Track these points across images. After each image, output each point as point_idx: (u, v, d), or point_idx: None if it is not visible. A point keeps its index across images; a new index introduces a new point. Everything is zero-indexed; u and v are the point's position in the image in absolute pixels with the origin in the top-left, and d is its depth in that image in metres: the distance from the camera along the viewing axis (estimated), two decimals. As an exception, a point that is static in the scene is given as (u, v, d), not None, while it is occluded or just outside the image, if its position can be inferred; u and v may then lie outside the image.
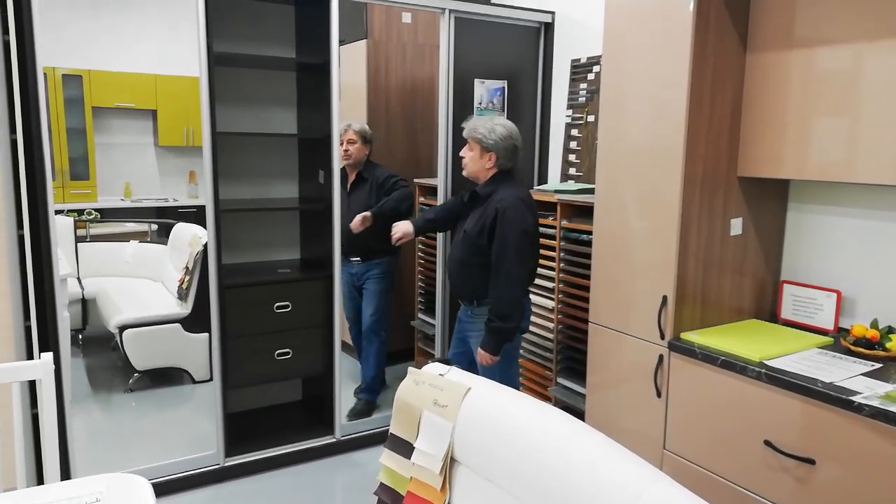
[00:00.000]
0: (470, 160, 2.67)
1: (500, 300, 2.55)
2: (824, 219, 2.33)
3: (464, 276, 2.70)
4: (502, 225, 2.52)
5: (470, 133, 2.66)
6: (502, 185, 2.62)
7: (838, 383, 1.78)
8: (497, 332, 2.57)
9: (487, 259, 2.58)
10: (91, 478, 1.53)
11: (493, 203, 2.57)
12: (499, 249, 2.53)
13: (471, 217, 2.67)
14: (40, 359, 1.77)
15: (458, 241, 2.73)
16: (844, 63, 1.92)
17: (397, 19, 4.13)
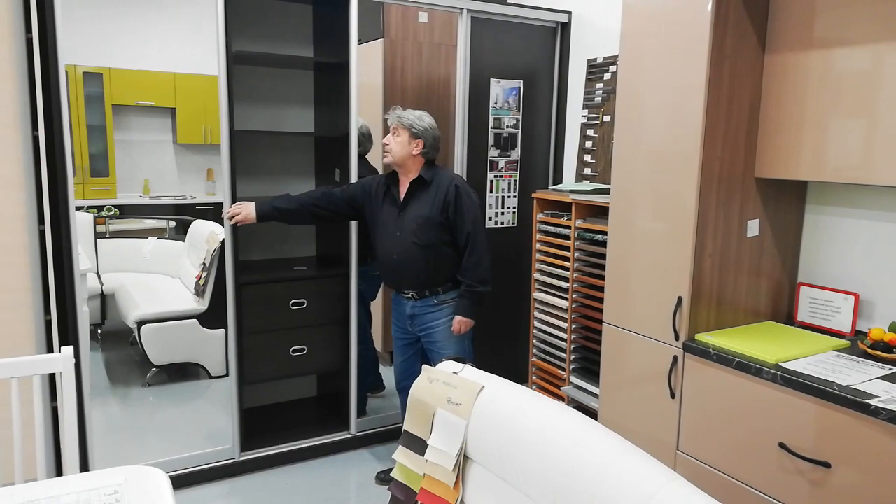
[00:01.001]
0: (397, 145, 2.69)
1: (481, 265, 2.66)
2: (842, 221, 2.31)
3: (429, 263, 2.68)
4: (468, 199, 2.66)
5: (398, 120, 2.70)
6: (439, 169, 2.74)
7: (855, 386, 1.76)
8: (479, 297, 2.69)
9: (451, 237, 2.67)
10: (109, 470, 1.56)
11: (444, 182, 2.67)
12: (472, 220, 2.65)
13: (416, 204, 2.69)
14: (61, 352, 1.80)
15: (410, 230, 2.66)
16: (863, 64, 1.91)
17: (413, 19, 4.14)
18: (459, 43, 3.28)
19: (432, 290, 2.72)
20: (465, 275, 2.67)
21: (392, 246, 2.72)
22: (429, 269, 2.69)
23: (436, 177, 2.69)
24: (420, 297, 2.74)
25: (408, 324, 2.81)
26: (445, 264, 2.69)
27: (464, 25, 3.25)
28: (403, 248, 2.69)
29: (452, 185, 2.65)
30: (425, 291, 2.73)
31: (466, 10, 3.24)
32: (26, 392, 2.14)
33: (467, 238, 2.64)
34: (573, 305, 3.05)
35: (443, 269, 2.69)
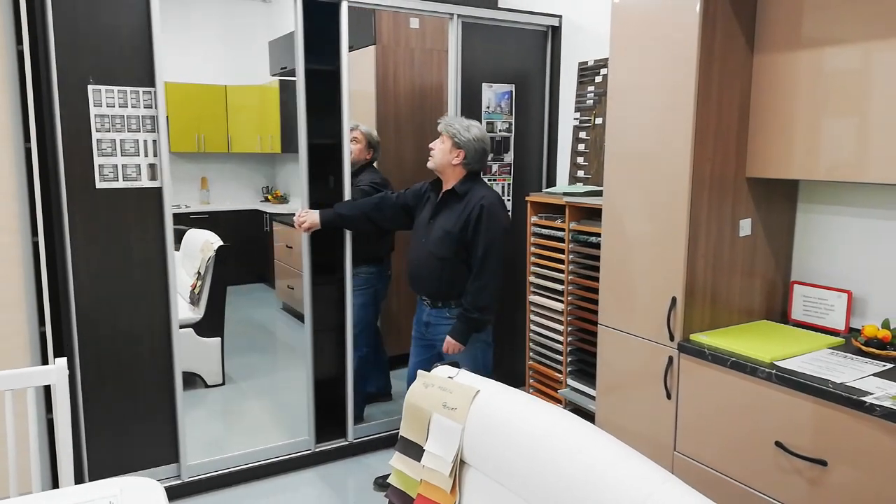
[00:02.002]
0: (439, 152, 2.70)
1: (483, 292, 2.62)
2: (834, 219, 2.32)
3: (444, 275, 2.67)
4: (488, 221, 2.59)
5: (445, 127, 2.70)
6: (477, 184, 2.71)
7: (850, 384, 1.77)
8: (473, 323, 2.64)
9: (468, 255, 2.64)
10: (104, 481, 1.55)
11: (475, 200, 2.62)
12: (486, 244, 2.60)
13: (445, 215, 2.68)
14: (55, 364, 1.79)
15: (433, 240, 2.68)
16: (853, 63, 1.92)
17: (405, 25, 4.15)
18: (451, 48, 3.29)
19: (445, 302, 2.72)
20: (466, 297, 2.64)
21: (416, 250, 2.76)
22: (442, 282, 2.69)
23: (470, 192, 2.66)
24: (433, 307, 2.75)
25: (423, 329, 2.82)
26: (461, 279, 2.67)
27: (455, 31, 3.26)
28: (423, 256, 2.71)
29: (479, 203, 2.61)
30: (438, 302, 2.73)
31: (457, 16, 3.25)
32: (21, 404, 2.14)
33: (477, 261, 2.61)
34: (568, 308, 3.05)
35: (458, 283, 2.67)
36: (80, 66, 2.49)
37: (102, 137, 2.56)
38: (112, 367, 2.69)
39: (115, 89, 2.57)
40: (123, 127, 2.59)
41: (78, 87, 2.50)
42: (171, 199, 2.71)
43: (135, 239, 2.67)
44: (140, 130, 2.64)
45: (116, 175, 2.60)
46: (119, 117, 2.58)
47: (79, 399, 2.62)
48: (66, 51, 2.46)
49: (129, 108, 2.60)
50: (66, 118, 2.49)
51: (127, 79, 2.58)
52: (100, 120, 2.55)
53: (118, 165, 2.60)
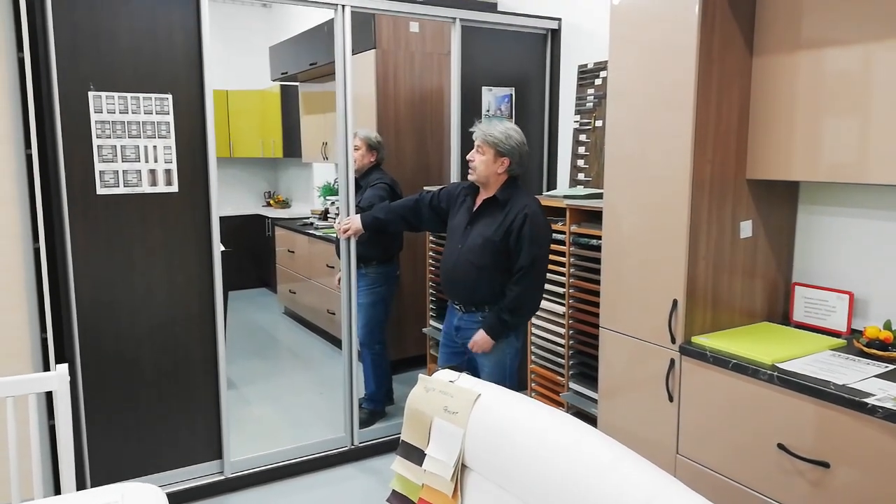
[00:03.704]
0: (482, 164, 2.62)
1: (521, 298, 2.58)
2: (835, 220, 2.32)
3: (481, 282, 2.63)
4: (533, 231, 2.55)
5: (484, 137, 2.61)
6: (518, 191, 2.65)
7: (851, 385, 1.76)
8: (504, 324, 2.61)
9: (507, 263, 2.59)
10: (106, 487, 1.55)
11: (517, 208, 2.57)
12: (534, 251, 2.55)
13: (485, 222, 2.63)
14: (56, 370, 1.79)
15: (472, 247, 2.64)
16: (853, 64, 1.92)
17: (405, 29, 4.16)
18: (452, 52, 3.29)
19: (479, 306, 2.68)
20: (505, 298, 2.61)
21: (452, 256, 2.71)
22: (479, 288, 2.65)
23: (511, 199, 2.61)
24: (466, 311, 2.71)
25: (454, 334, 2.78)
26: (498, 285, 2.63)
27: (456, 35, 3.27)
28: (460, 263, 2.66)
29: (522, 212, 2.55)
30: (472, 307, 2.69)
31: (458, 20, 3.26)
32: (22, 411, 2.14)
33: (520, 271, 2.56)
34: (570, 311, 3.05)
35: (496, 289, 2.63)
36: (80, 71, 2.50)
37: (104, 143, 2.57)
38: (114, 372, 2.69)
39: (127, 96, 2.59)
40: (125, 133, 2.60)
41: (79, 92, 2.51)
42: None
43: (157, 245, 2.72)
44: (155, 136, 2.65)
45: (117, 181, 2.61)
46: (129, 123, 2.59)
47: (80, 405, 2.63)
48: (66, 57, 2.47)
49: (143, 114, 2.62)
50: (67, 123, 2.50)
51: (143, 85, 2.62)
52: (100, 126, 2.55)
53: (118, 171, 2.61)
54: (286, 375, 4.49)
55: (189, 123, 2.71)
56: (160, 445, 2.82)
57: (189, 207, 2.75)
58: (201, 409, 2.89)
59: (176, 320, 2.79)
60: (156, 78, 2.63)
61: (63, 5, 2.44)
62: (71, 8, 2.46)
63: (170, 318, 2.77)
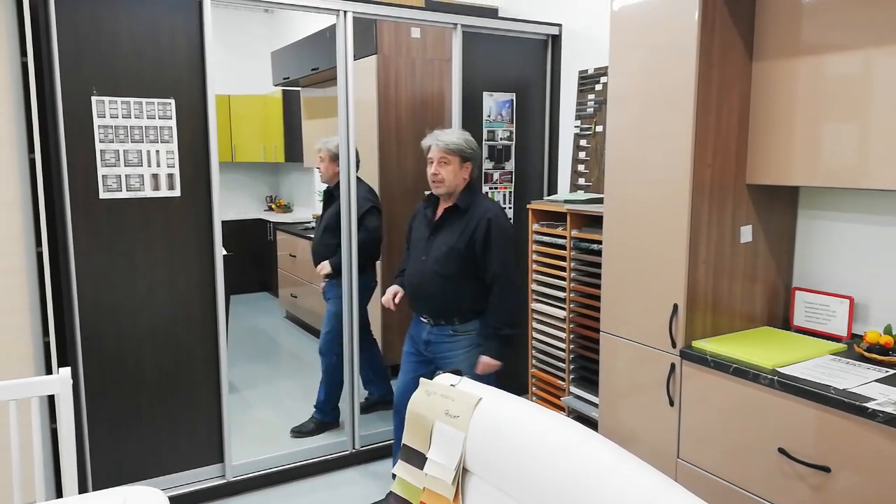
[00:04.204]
0: (450, 174, 2.57)
1: (510, 308, 2.57)
2: (835, 225, 2.32)
3: (448, 292, 2.58)
4: (499, 235, 2.53)
5: (447, 146, 2.56)
6: (477, 196, 2.64)
7: (852, 390, 1.77)
8: (506, 340, 2.58)
9: (475, 271, 2.57)
10: (108, 491, 1.56)
11: (479, 214, 2.55)
12: (501, 259, 2.54)
13: (447, 231, 2.59)
14: (58, 374, 1.80)
15: (436, 257, 2.58)
16: (853, 69, 1.93)
17: (406, 35, 4.17)
18: (454, 58, 3.31)
19: (449, 319, 2.63)
20: (492, 316, 2.58)
21: (416, 270, 2.66)
22: (447, 300, 2.60)
23: (472, 205, 2.59)
24: (436, 325, 2.65)
25: (422, 347, 2.72)
26: (467, 296, 2.60)
27: (457, 40, 3.28)
28: (425, 275, 2.62)
29: (486, 217, 2.53)
30: (441, 320, 2.64)
31: (460, 26, 3.27)
32: (25, 414, 2.15)
33: (494, 278, 2.54)
34: (571, 315, 3.06)
35: (464, 300, 2.60)
36: (83, 75, 2.52)
37: (106, 148, 2.58)
38: (115, 376, 2.70)
39: (130, 100, 2.60)
40: (127, 137, 2.61)
41: (82, 97, 2.52)
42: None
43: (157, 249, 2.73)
44: (158, 141, 2.67)
45: (120, 185, 2.62)
46: (132, 128, 2.60)
47: (82, 408, 2.63)
48: (70, 61, 2.48)
49: (145, 118, 2.63)
50: (70, 128, 2.51)
51: (146, 90, 2.63)
52: (103, 131, 2.57)
53: (121, 175, 2.62)
54: (288, 379, 4.50)
55: (191, 128, 2.72)
56: (162, 449, 2.83)
57: (191, 212, 2.76)
58: (203, 412, 2.89)
59: (178, 324, 2.79)
60: (158, 82, 2.64)
61: (66, 10, 2.46)
62: (74, 13, 2.47)
63: (172, 322, 2.78)
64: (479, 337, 2.63)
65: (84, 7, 2.48)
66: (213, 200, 2.79)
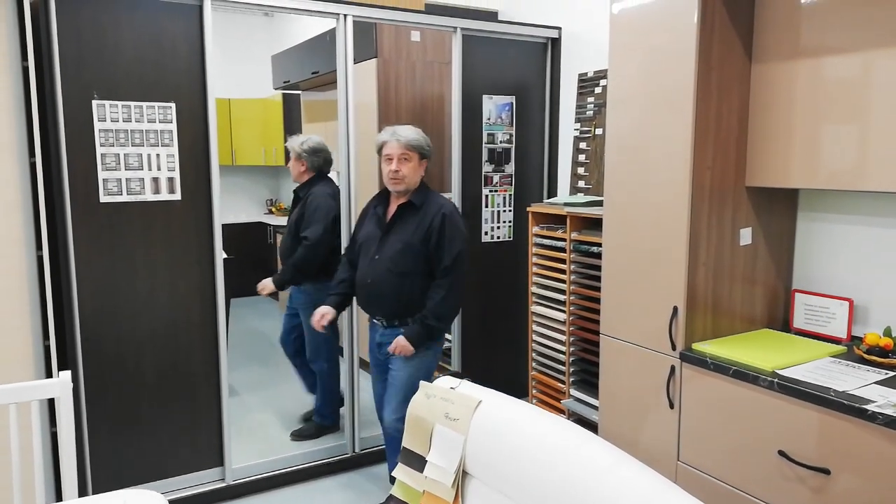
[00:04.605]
0: (411, 172, 2.55)
1: (446, 302, 2.53)
2: (835, 227, 2.32)
3: (402, 290, 2.54)
4: (452, 230, 2.52)
5: (408, 143, 2.53)
6: (430, 192, 2.62)
7: (852, 392, 1.77)
8: (430, 331, 2.54)
9: (429, 267, 2.55)
10: (108, 494, 1.56)
11: (433, 210, 2.54)
12: (454, 254, 2.51)
13: (401, 228, 2.56)
14: (59, 377, 1.80)
15: (391, 255, 2.54)
16: (852, 71, 1.93)
17: (406, 38, 4.18)
18: (453, 61, 3.31)
19: (402, 318, 2.57)
20: (427, 303, 2.54)
21: (368, 269, 2.60)
22: (401, 299, 2.56)
23: (426, 202, 2.57)
24: (389, 326, 2.61)
25: (377, 351, 2.68)
26: (421, 294, 2.56)
27: (457, 43, 3.29)
28: (378, 274, 2.56)
29: (440, 213, 2.52)
30: (395, 320, 2.59)
31: (460, 29, 3.28)
32: (25, 417, 2.15)
33: (444, 272, 2.52)
34: (571, 318, 3.06)
35: (418, 299, 2.56)
36: (84, 80, 2.52)
37: (107, 152, 2.59)
38: (115, 379, 2.70)
39: (130, 104, 2.61)
40: (128, 141, 2.62)
41: (82, 101, 2.53)
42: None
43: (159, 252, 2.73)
44: (158, 145, 2.67)
45: (120, 189, 2.62)
46: (133, 131, 2.61)
47: (82, 412, 2.63)
48: (70, 65, 2.49)
49: (146, 122, 2.64)
50: (70, 132, 2.52)
51: (146, 94, 2.63)
52: (104, 134, 2.57)
53: (122, 179, 2.63)
54: (288, 383, 4.49)
55: (192, 132, 2.72)
56: (162, 452, 2.83)
57: (191, 215, 2.76)
58: (203, 416, 2.89)
59: (178, 327, 2.79)
60: (159, 86, 2.65)
61: (67, 14, 2.46)
62: (75, 17, 2.48)
63: (172, 325, 2.78)
64: None
65: (85, 11, 2.49)
66: (213, 204, 2.79)
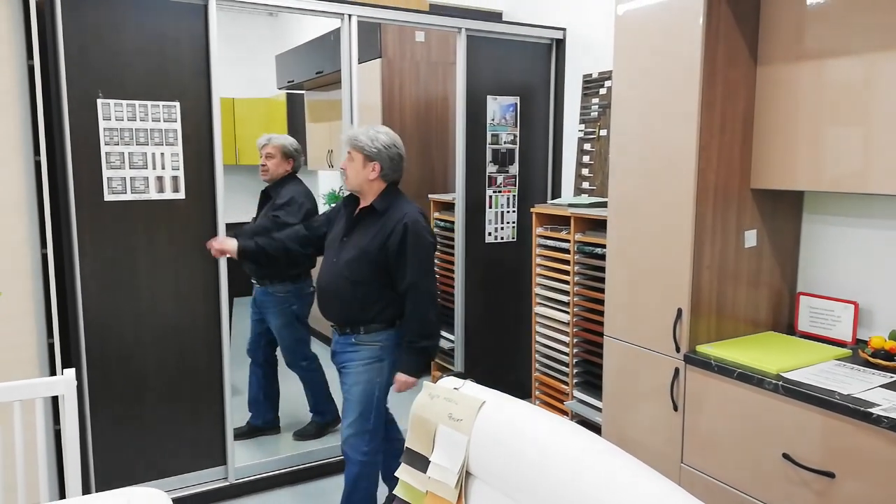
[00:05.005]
0: (352, 171, 2.43)
1: (426, 319, 2.40)
2: (840, 230, 2.32)
3: (355, 299, 2.41)
4: (416, 242, 2.37)
5: (351, 142, 2.43)
6: (397, 199, 2.47)
7: (857, 395, 1.76)
8: (424, 353, 2.44)
9: (387, 279, 2.41)
10: (111, 492, 1.56)
11: (395, 218, 2.39)
12: (416, 266, 2.38)
13: (361, 232, 2.43)
14: (63, 375, 1.80)
15: (346, 260, 2.41)
16: (857, 73, 1.93)
17: (410, 38, 4.18)
18: (458, 61, 3.31)
19: (354, 327, 2.44)
20: (408, 328, 2.41)
21: (326, 271, 2.49)
22: (354, 307, 2.42)
23: (390, 209, 2.42)
24: (342, 334, 2.48)
25: (333, 358, 2.56)
26: (375, 304, 2.42)
27: (461, 44, 3.29)
28: (333, 278, 2.45)
29: (402, 222, 2.36)
30: (346, 328, 2.46)
31: (464, 30, 3.28)
32: (29, 415, 2.15)
33: (409, 287, 2.37)
34: (574, 319, 3.05)
35: (372, 308, 2.42)
36: (89, 79, 2.53)
37: (112, 150, 2.59)
38: (119, 377, 2.70)
39: (135, 103, 2.61)
40: (132, 140, 2.62)
41: (87, 100, 2.54)
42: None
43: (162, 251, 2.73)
44: (163, 144, 2.68)
45: (125, 188, 2.63)
46: (137, 130, 2.61)
47: (86, 409, 2.64)
48: (75, 64, 2.49)
49: (150, 121, 2.64)
50: (75, 130, 2.52)
51: (151, 93, 2.64)
52: (108, 133, 2.58)
53: (126, 178, 2.63)
54: (290, 382, 4.49)
55: (196, 131, 2.73)
56: (164, 451, 2.83)
57: (196, 214, 2.77)
58: (206, 414, 2.90)
59: (181, 326, 2.80)
60: (164, 86, 2.65)
61: (73, 14, 2.47)
62: (81, 16, 2.48)
63: (175, 324, 2.78)
64: (383, 351, 2.45)
65: (90, 10, 2.50)
66: (217, 202, 2.79)
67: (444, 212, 4.05)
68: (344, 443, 2.51)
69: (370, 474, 2.53)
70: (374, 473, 2.55)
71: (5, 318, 2.45)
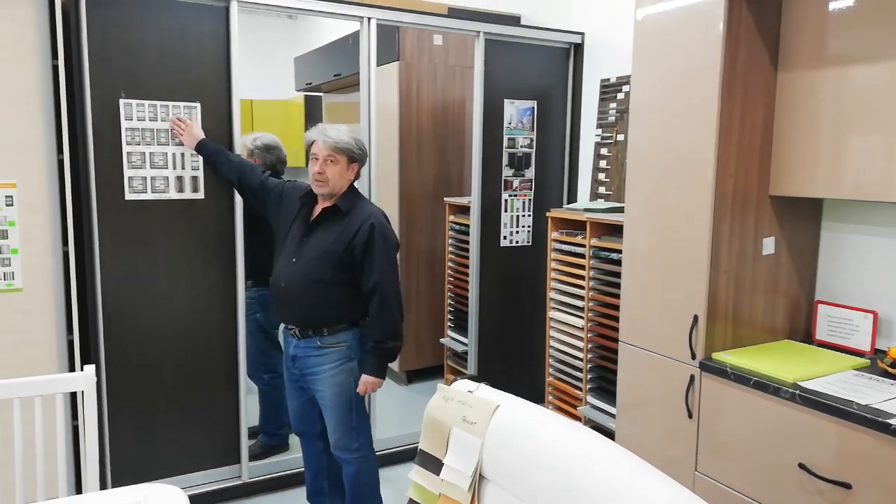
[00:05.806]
0: (336, 175, 2.36)
1: (391, 319, 2.37)
2: (860, 238, 2.29)
3: (319, 299, 2.36)
4: (382, 243, 2.35)
5: (336, 144, 2.35)
6: (359, 199, 2.45)
7: (875, 406, 1.74)
8: (389, 353, 2.41)
9: (351, 277, 2.37)
10: (129, 487, 1.58)
11: (360, 217, 2.36)
12: (382, 267, 2.35)
13: (322, 233, 2.38)
14: (83, 371, 1.83)
15: (309, 260, 2.36)
16: (879, 80, 1.91)
17: (429, 41, 4.20)
18: (476, 65, 3.32)
19: (317, 329, 2.39)
20: (374, 329, 2.38)
21: (283, 272, 2.42)
22: (317, 308, 2.37)
23: (354, 208, 2.39)
24: (303, 337, 2.41)
25: (292, 366, 2.49)
26: (338, 304, 2.38)
27: (479, 48, 3.30)
28: (293, 278, 2.38)
29: (368, 222, 2.33)
30: (309, 331, 2.40)
31: (483, 33, 3.29)
32: (49, 410, 2.18)
33: (375, 287, 2.33)
34: (589, 324, 3.04)
35: (335, 308, 2.38)
36: (112, 79, 2.57)
37: (133, 150, 2.63)
38: (136, 374, 2.73)
39: (157, 104, 2.65)
40: (153, 140, 2.66)
41: (110, 100, 2.57)
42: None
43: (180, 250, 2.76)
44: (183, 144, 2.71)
45: (145, 187, 2.66)
46: (158, 130, 2.65)
47: (104, 406, 2.67)
48: (99, 65, 2.53)
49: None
50: (98, 130, 2.56)
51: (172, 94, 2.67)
52: (130, 133, 2.61)
53: (147, 177, 2.66)
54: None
55: (216, 131, 2.75)
56: (180, 448, 2.85)
57: (214, 214, 2.80)
58: (221, 413, 2.92)
59: (198, 325, 2.82)
60: (185, 86, 2.68)
61: (97, 15, 2.51)
62: (105, 17, 2.52)
63: (193, 323, 2.81)
64: (350, 351, 2.43)
65: (114, 11, 2.53)
66: (235, 203, 2.82)
67: (459, 215, 4.05)
68: (334, 448, 2.50)
69: (369, 468, 2.55)
70: (373, 466, 2.57)
71: (26, 314, 2.49)
